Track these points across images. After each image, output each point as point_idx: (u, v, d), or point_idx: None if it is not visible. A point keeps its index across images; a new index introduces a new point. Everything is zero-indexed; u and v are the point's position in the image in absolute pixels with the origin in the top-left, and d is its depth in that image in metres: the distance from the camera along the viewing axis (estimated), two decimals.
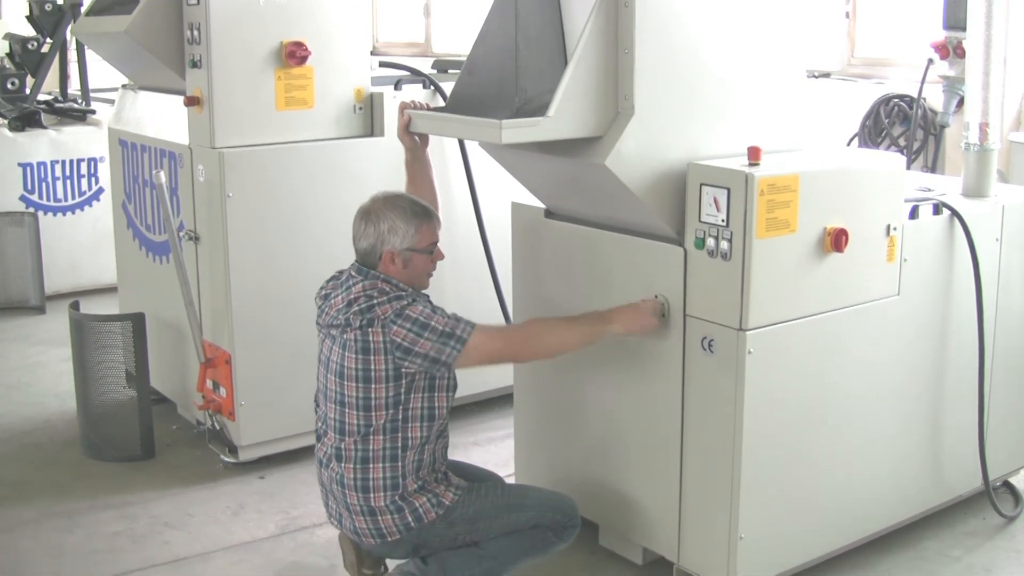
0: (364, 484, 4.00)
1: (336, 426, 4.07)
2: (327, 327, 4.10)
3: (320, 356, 4.19)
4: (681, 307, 4.11)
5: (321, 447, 4.17)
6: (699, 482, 4.20)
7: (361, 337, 3.93)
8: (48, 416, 6.45)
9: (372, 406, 3.97)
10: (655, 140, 4.01)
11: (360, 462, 4.01)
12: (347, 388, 3.99)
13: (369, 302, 3.96)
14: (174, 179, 5.69)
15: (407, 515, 4.00)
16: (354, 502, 4.03)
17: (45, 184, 8.65)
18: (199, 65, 5.30)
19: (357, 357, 3.94)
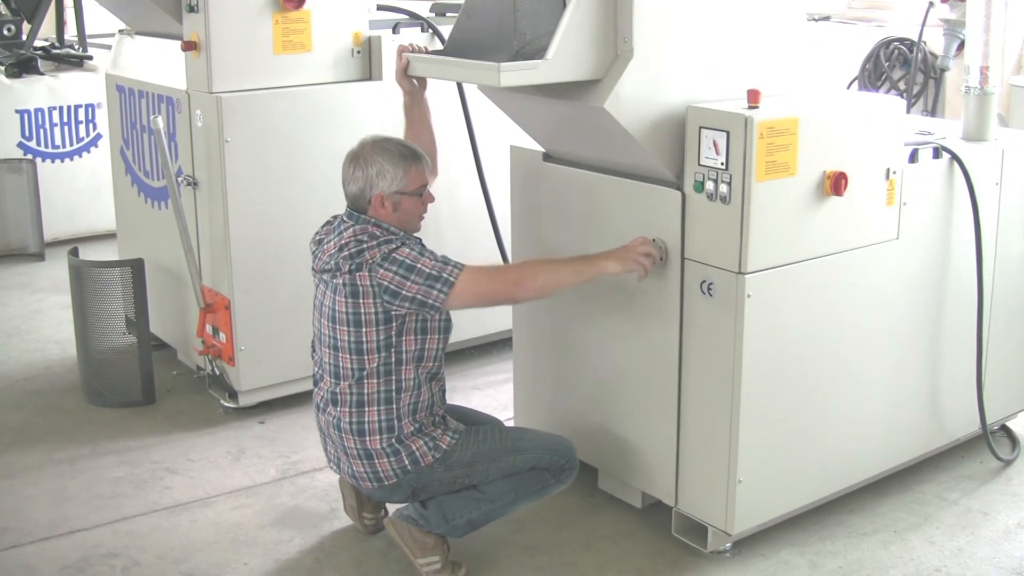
0: (360, 427, 4.05)
1: (331, 370, 4.10)
2: (320, 272, 4.13)
3: (315, 301, 4.22)
4: (679, 250, 4.11)
5: (318, 392, 4.21)
6: (698, 426, 4.21)
7: (350, 281, 3.96)
8: (49, 363, 6.47)
9: (364, 350, 4.00)
10: (654, 83, 4.00)
11: (355, 405, 4.05)
12: (339, 332, 4.03)
13: (359, 247, 3.98)
14: (172, 124, 5.67)
15: (403, 458, 4.04)
16: (351, 445, 4.07)
17: (43, 131, 8.62)
18: (196, 9, 5.26)
19: (347, 301, 3.98)
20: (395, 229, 4.08)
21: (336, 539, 4.55)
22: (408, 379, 4.06)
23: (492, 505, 4.18)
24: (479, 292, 4.01)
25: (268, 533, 4.59)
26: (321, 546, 4.51)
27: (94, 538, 4.56)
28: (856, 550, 4.43)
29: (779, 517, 4.41)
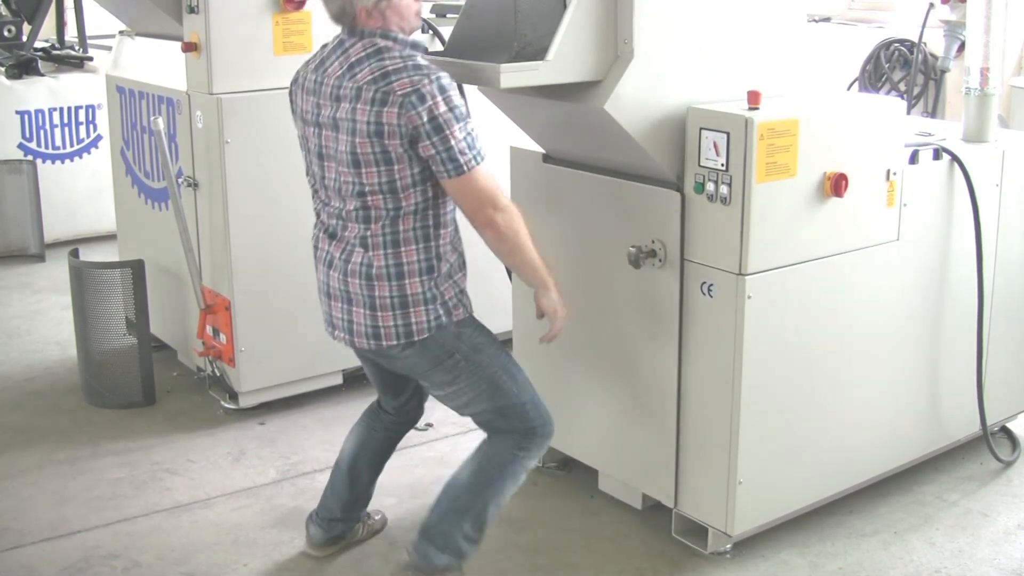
0: (399, 270, 3.74)
1: (359, 216, 3.74)
2: (325, 101, 3.74)
3: (313, 147, 3.85)
4: (679, 252, 4.11)
5: (336, 245, 3.85)
6: (698, 427, 4.21)
7: (375, 119, 3.57)
8: (49, 364, 6.47)
9: (399, 187, 3.66)
10: (654, 84, 4.00)
11: (391, 246, 3.74)
12: (367, 176, 3.66)
13: (382, 69, 3.61)
14: (172, 125, 5.67)
15: (438, 307, 3.78)
16: (384, 294, 3.75)
17: (43, 132, 8.62)
18: (196, 10, 5.26)
19: (372, 141, 3.60)
20: (405, 38, 3.70)
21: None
22: (446, 213, 3.81)
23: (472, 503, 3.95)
24: (476, 192, 3.66)
25: (268, 534, 4.59)
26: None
27: (94, 539, 4.57)
28: (856, 551, 4.43)
29: (779, 518, 4.41)
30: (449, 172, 3.61)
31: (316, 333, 5.64)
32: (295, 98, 3.95)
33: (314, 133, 3.82)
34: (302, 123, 3.90)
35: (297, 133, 3.98)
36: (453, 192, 3.68)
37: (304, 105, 3.86)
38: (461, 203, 3.72)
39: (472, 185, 3.65)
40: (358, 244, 3.77)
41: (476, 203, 3.69)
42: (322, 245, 3.93)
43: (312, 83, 3.82)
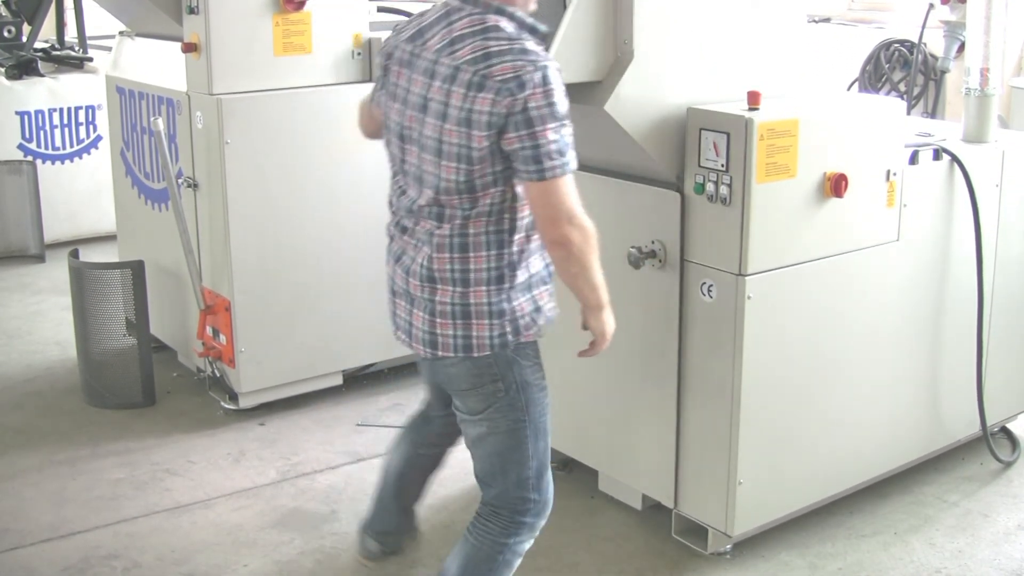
0: (464, 276, 3.39)
1: (431, 212, 3.40)
2: (418, 76, 3.37)
3: (392, 129, 3.51)
4: (679, 252, 4.11)
5: (406, 240, 3.53)
6: (698, 428, 4.21)
7: (467, 105, 3.22)
8: (49, 364, 6.47)
9: (476, 186, 3.31)
10: (654, 85, 4.00)
11: (459, 249, 3.38)
12: (446, 170, 3.30)
13: (484, 49, 3.23)
14: (172, 126, 5.67)
15: (505, 324, 3.42)
16: (445, 299, 3.42)
17: (43, 132, 8.61)
18: (196, 11, 5.26)
19: (460, 131, 3.25)
20: (521, 15, 3.33)
21: (336, 541, 4.55)
22: (523, 217, 3.39)
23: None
24: (555, 202, 3.24)
25: (268, 535, 4.59)
26: (321, 548, 4.51)
27: (94, 539, 4.57)
28: (856, 552, 4.44)
29: (779, 519, 4.41)
30: (531, 174, 3.21)
31: (316, 333, 5.67)
32: (388, 71, 3.53)
33: (398, 111, 3.46)
34: (388, 96, 3.52)
35: (374, 94, 3.66)
36: (531, 197, 3.27)
37: (397, 79, 3.47)
38: (536, 211, 3.31)
39: (553, 195, 3.23)
40: (425, 243, 3.43)
41: (553, 215, 3.26)
42: (394, 238, 3.60)
43: (406, 54, 3.44)
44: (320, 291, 5.68)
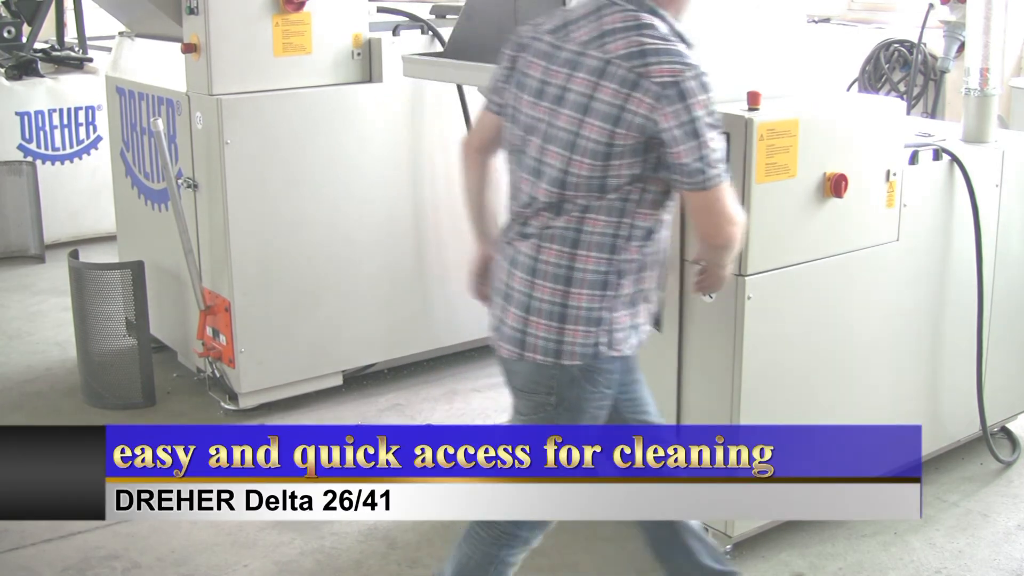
0: (566, 273, 3.23)
1: (549, 206, 3.24)
2: (558, 68, 3.23)
3: (518, 122, 3.34)
4: (679, 252, 4.10)
5: (518, 239, 3.35)
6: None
7: (619, 102, 3.09)
8: (49, 365, 6.47)
9: (606, 186, 3.17)
10: None
11: (568, 244, 3.22)
12: (576, 165, 3.17)
13: (640, 45, 3.10)
14: (172, 127, 5.67)
15: (600, 332, 3.25)
16: (543, 296, 3.26)
17: (43, 133, 8.62)
18: (196, 11, 5.26)
19: (603, 127, 3.12)
20: (672, 20, 3.23)
21: (336, 541, 4.55)
22: (640, 227, 3.23)
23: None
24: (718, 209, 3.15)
25: (268, 535, 4.59)
26: (321, 548, 4.51)
27: (94, 540, 4.56)
28: (856, 552, 4.43)
29: (780, 519, 4.40)
30: (696, 185, 3.10)
31: (316, 334, 5.67)
32: (516, 62, 3.37)
33: (528, 102, 3.29)
34: (515, 89, 3.35)
35: (492, 96, 3.49)
36: (694, 207, 3.18)
37: (528, 69, 3.31)
38: (700, 219, 3.21)
39: (717, 202, 3.14)
40: (535, 236, 3.27)
41: (717, 222, 3.18)
42: (508, 237, 3.41)
43: (546, 46, 3.28)
44: (320, 291, 5.68)
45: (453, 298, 6.07)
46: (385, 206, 5.80)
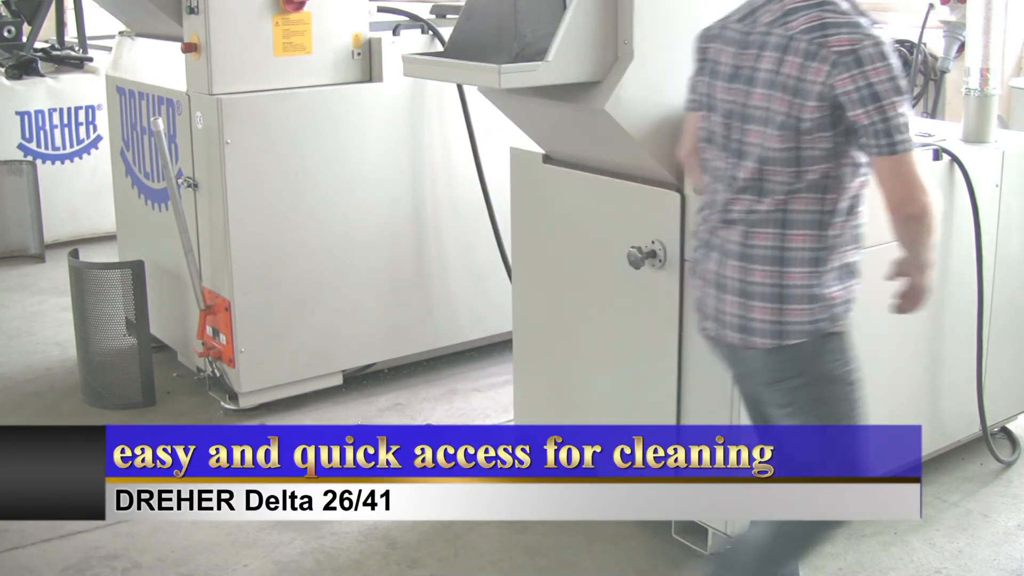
0: (781, 255, 3.29)
1: (752, 186, 3.31)
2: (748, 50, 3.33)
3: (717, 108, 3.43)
4: (679, 252, 4.10)
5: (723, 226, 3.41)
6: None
7: (798, 73, 3.18)
8: (49, 364, 6.47)
9: (802, 159, 3.23)
10: (655, 85, 3.99)
11: (778, 226, 3.28)
12: (770, 139, 3.25)
13: (821, 19, 3.19)
14: (172, 126, 5.67)
15: (819, 309, 3.31)
16: (760, 280, 3.31)
17: (43, 132, 8.62)
18: (196, 11, 5.26)
19: (789, 100, 3.21)
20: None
21: (336, 541, 4.55)
22: (845, 200, 3.29)
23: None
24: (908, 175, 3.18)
25: (268, 535, 4.59)
26: (321, 548, 4.51)
27: (94, 540, 4.56)
28: (856, 552, 4.43)
29: (781, 519, 4.39)
30: (882, 148, 3.14)
31: (316, 333, 5.67)
32: (707, 53, 3.50)
33: (723, 88, 3.40)
34: (709, 78, 3.46)
35: (690, 95, 3.60)
36: (882, 173, 3.20)
37: (719, 57, 3.43)
38: (889, 187, 3.20)
39: (907, 167, 3.17)
40: (742, 220, 3.34)
41: (908, 189, 3.19)
42: (709, 224, 3.47)
43: (736, 33, 3.40)
44: (320, 291, 5.68)
45: (453, 298, 6.08)
46: (386, 206, 5.80)
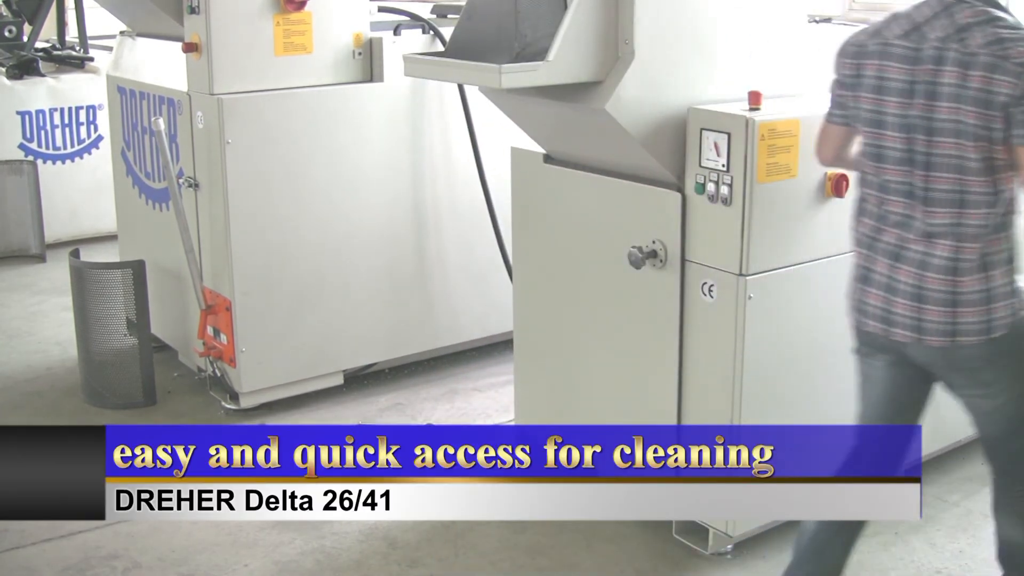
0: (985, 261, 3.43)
1: (948, 199, 3.39)
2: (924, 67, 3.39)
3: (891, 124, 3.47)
4: (680, 252, 4.10)
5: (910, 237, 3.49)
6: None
7: (984, 86, 3.27)
8: (50, 364, 6.47)
9: (994, 167, 3.34)
10: (655, 85, 4.00)
11: (980, 237, 3.40)
12: (965, 149, 3.33)
13: (996, 35, 3.29)
14: (173, 126, 5.67)
15: (1014, 300, 3.48)
16: (971, 288, 3.42)
17: (44, 132, 8.62)
18: (197, 11, 5.26)
19: (978, 112, 3.29)
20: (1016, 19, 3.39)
21: (336, 541, 4.55)
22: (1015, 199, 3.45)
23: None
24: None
25: (268, 535, 4.59)
26: (322, 548, 4.51)
27: (95, 540, 4.56)
28: (856, 552, 4.41)
29: (781, 519, 4.40)
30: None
31: (317, 333, 5.67)
32: (863, 69, 3.53)
33: (898, 104, 3.45)
34: (872, 94, 3.51)
35: (836, 110, 3.67)
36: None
37: (885, 73, 3.48)
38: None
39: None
40: (943, 235, 3.42)
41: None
42: (885, 235, 3.54)
43: (903, 49, 3.44)
44: (321, 291, 5.68)
45: (454, 298, 6.08)
46: (386, 206, 5.80)
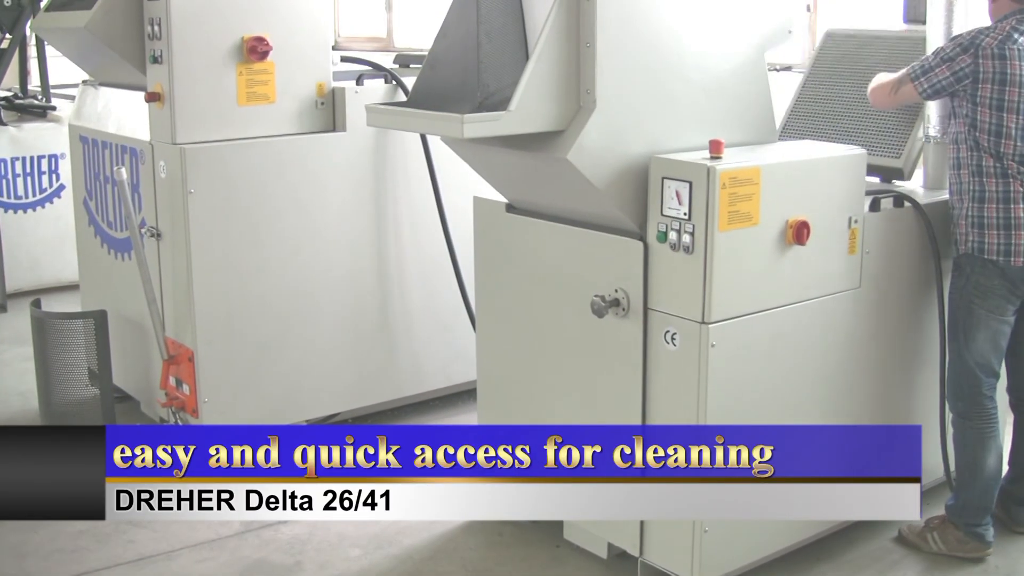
0: None
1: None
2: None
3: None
4: (642, 300, 4.11)
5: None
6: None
7: None
8: (11, 415, 6.41)
9: None
10: (617, 134, 4.02)
11: None
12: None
13: None
14: (136, 175, 5.66)
15: None
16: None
17: (5, 181, 8.58)
18: (160, 60, 5.27)
19: None
20: None
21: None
22: None
23: None
24: None
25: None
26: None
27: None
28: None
29: (746, 566, 4.40)
30: None
31: (280, 383, 5.64)
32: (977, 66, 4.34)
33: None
34: (996, 86, 4.32)
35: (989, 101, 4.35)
36: None
37: (1010, 70, 4.31)
38: None
39: None
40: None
41: None
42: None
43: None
44: (284, 341, 5.66)
45: (417, 347, 6.07)
46: (349, 255, 5.79)
